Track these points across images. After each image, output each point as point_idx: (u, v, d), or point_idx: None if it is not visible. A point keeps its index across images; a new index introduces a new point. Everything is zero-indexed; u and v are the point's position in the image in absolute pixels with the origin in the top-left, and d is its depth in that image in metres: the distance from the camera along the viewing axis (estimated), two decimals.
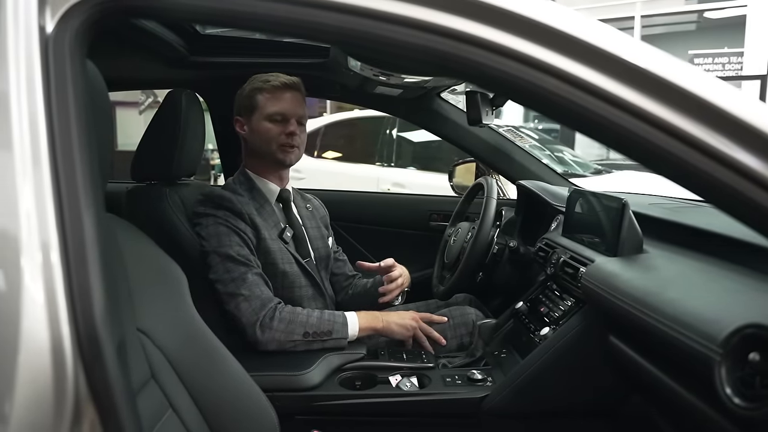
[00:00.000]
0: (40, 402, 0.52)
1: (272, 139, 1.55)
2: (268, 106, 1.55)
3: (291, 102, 1.56)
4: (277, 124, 1.55)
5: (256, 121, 1.56)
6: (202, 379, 0.97)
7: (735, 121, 0.57)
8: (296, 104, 1.57)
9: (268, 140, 1.55)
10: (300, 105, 1.58)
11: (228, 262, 1.44)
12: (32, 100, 0.60)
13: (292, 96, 1.56)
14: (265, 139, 1.56)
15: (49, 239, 0.57)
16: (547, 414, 1.36)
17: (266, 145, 1.56)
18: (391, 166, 5.34)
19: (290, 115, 1.55)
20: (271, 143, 1.56)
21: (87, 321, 0.54)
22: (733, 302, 0.87)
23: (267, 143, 1.56)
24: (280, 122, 1.55)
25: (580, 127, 0.64)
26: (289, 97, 1.56)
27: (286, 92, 1.56)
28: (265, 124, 1.55)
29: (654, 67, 0.59)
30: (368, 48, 0.73)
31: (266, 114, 1.55)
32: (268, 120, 1.55)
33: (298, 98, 1.58)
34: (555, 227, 1.68)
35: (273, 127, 1.55)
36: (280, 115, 1.55)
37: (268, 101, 1.55)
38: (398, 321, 1.53)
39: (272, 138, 1.55)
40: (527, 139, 4.70)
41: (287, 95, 1.56)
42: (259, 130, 1.56)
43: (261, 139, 1.56)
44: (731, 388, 0.71)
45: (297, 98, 1.57)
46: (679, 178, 0.60)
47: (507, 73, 0.61)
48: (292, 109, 1.56)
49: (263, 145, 1.57)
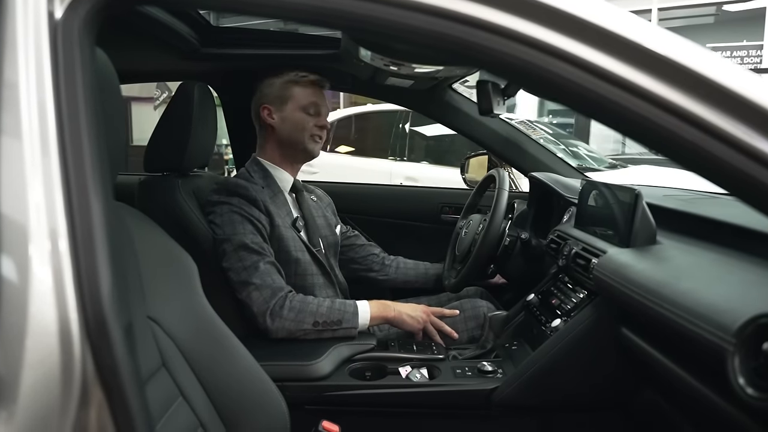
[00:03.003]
0: (47, 384, 0.53)
1: (305, 129, 1.63)
2: (306, 97, 1.63)
3: (323, 98, 1.68)
4: (311, 116, 1.64)
5: (290, 110, 1.63)
6: (212, 367, 0.97)
7: (758, 109, 0.55)
8: (326, 101, 1.69)
9: (302, 129, 1.63)
10: (327, 103, 1.69)
11: (241, 251, 1.45)
12: (41, 87, 0.60)
13: (323, 93, 1.68)
14: (298, 128, 1.63)
15: (58, 226, 0.57)
16: (557, 406, 1.35)
17: (299, 134, 1.63)
18: (403, 160, 5.33)
19: (324, 110, 1.66)
20: (304, 132, 1.63)
21: (94, 304, 0.55)
22: (748, 293, 0.85)
23: (300, 132, 1.63)
24: (314, 115, 1.64)
25: (594, 113, 0.63)
26: (321, 94, 1.67)
27: (319, 89, 1.67)
28: (300, 114, 1.63)
29: (672, 53, 0.58)
30: (380, 34, 0.73)
31: (302, 105, 1.63)
32: (304, 110, 1.63)
33: (326, 97, 1.70)
34: (567, 219, 1.67)
35: (308, 118, 1.63)
36: (316, 107, 1.64)
37: (306, 93, 1.64)
38: (410, 312, 1.53)
39: (306, 127, 1.63)
40: (540, 131, 4.66)
41: (320, 92, 1.67)
42: (294, 119, 1.63)
43: (294, 128, 1.63)
44: (744, 378, 0.70)
45: (325, 96, 1.69)
46: (694, 165, 0.59)
47: (520, 59, 0.60)
48: (324, 104, 1.67)
49: (295, 134, 1.64)
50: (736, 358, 0.71)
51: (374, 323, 1.50)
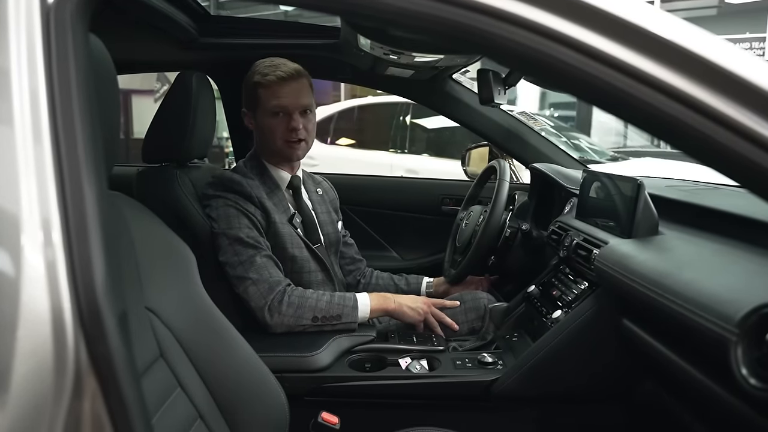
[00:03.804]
0: (40, 374, 0.52)
1: (276, 135, 1.53)
2: (269, 100, 1.51)
3: (292, 95, 1.51)
4: (279, 119, 1.52)
5: (260, 116, 1.55)
6: (211, 358, 0.97)
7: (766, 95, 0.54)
8: (299, 95, 1.52)
9: (273, 136, 1.53)
10: (303, 95, 1.53)
11: (237, 245, 1.44)
12: (33, 73, 0.59)
13: (292, 88, 1.51)
14: (269, 135, 1.54)
15: (51, 216, 0.56)
16: (558, 398, 1.35)
17: (272, 142, 1.54)
18: (404, 153, 5.31)
19: (292, 109, 1.51)
20: (276, 140, 1.53)
21: (88, 293, 0.54)
22: (751, 283, 0.84)
23: (272, 139, 1.54)
24: (283, 117, 1.52)
25: (598, 100, 0.61)
26: (288, 91, 1.51)
27: (285, 85, 1.50)
28: (268, 120, 1.53)
29: (678, 38, 0.56)
30: (378, 19, 0.71)
31: (268, 109, 1.52)
32: (270, 116, 1.52)
33: (300, 88, 1.52)
34: (568, 210, 1.66)
35: (276, 123, 1.52)
36: (281, 109, 1.51)
37: (268, 96, 1.51)
38: (410, 304, 1.52)
39: (276, 134, 1.53)
40: (542, 123, 4.64)
41: (286, 88, 1.50)
42: (263, 126, 1.55)
43: (266, 135, 1.55)
44: (747, 369, 0.69)
45: (299, 88, 1.52)
46: (699, 153, 0.58)
47: (521, 44, 0.58)
48: (293, 102, 1.51)
49: (269, 142, 1.55)
50: (738, 349, 0.70)
51: (374, 315, 1.50)
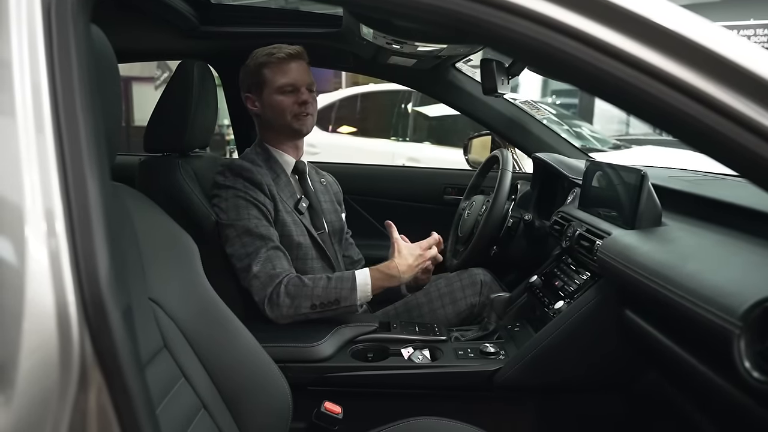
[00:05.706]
0: (45, 368, 0.52)
1: (286, 111, 1.57)
2: (276, 79, 1.56)
3: (298, 71, 1.57)
4: (288, 95, 1.57)
5: (267, 95, 1.58)
6: (215, 349, 0.97)
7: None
8: (303, 73, 1.59)
9: (282, 112, 1.57)
10: (307, 73, 1.60)
11: (245, 237, 1.44)
12: (35, 64, 0.58)
13: (297, 65, 1.58)
14: (279, 111, 1.57)
15: (54, 207, 0.56)
16: (559, 388, 1.35)
17: (281, 118, 1.58)
18: (406, 141, 5.30)
19: (300, 84, 1.57)
20: (286, 114, 1.57)
21: (92, 286, 0.54)
22: (755, 275, 0.84)
23: (281, 115, 1.57)
24: (291, 93, 1.57)
25: (599, 90, 0.61)
26: (295, 67, 1.57)
27: (291, 62, 1.57)
28: (277, 97, 1.57)
29: (680, 27, 0.56)
30: (380, 9, 0.70)
31: (276, 87, 1.56)
32: (279, 93, 1.57)
33: (304, 67, 1.60)
34: (571, 200, 1.65)
35: (285, 99, 1.57)
36: (291, 85, 1.56)
37: (276, 74, 1.56)
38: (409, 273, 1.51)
39: (286, 109, 1.57)
40: (544, 112, 4.62)
41: (293, 65, 1.57)
42: (271, 104, 1.58)
43: (275, 112, 1.58)
44: (750, 361, 0.69)
45: (303, 67, 1.59)
46: (701, 144, 0.58)
47: (522, 34, 0.58)
48: (300, 78, 1.57)
49: (278, 118, 1.58)
50: (742, 341, 0.70)
51: (377, 292, 1.48)
